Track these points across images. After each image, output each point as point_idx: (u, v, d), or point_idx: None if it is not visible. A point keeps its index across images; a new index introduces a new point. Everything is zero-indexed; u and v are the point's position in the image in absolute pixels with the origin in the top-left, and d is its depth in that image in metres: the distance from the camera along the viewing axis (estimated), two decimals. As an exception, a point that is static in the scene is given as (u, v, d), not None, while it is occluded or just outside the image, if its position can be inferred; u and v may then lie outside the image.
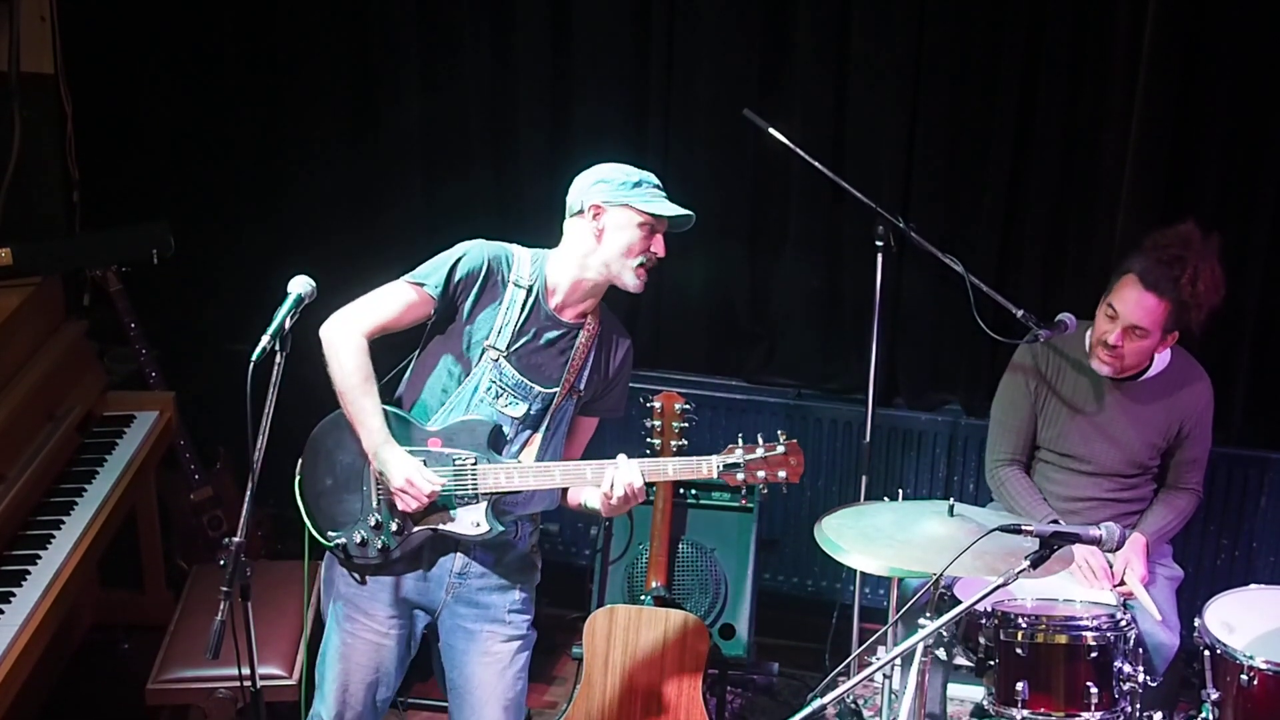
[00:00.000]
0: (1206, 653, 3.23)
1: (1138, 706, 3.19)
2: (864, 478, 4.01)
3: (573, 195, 2.95)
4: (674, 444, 3.80)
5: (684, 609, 3.76)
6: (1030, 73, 4.10)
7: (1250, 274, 4.04)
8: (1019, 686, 3.16)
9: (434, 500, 2.85)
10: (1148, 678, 3.17)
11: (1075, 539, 2.57)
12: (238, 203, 4.80)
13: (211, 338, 4.72)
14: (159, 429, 4.10)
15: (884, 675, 3.40)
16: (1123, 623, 3.20)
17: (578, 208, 2.93)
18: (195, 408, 4.44)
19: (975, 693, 3.57)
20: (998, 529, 2.65)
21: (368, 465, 2.90)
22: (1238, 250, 3.95)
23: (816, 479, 4.50)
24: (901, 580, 3.50)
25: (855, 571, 3.88)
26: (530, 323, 2.93)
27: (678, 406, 3.82)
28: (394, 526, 2.92)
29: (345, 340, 2.84)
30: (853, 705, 4.01)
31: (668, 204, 2.91)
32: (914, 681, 2.97)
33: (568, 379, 2.96)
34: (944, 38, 4.15)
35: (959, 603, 2.64)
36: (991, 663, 3.24)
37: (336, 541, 2.94)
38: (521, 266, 2.95)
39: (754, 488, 2.91)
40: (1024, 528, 2.61)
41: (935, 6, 4.14)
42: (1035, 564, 2.56)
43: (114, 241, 4.27)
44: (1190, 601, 3.65)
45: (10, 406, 3.60)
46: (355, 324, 2.86)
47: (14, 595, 3.21)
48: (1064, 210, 4.21)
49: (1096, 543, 2.56)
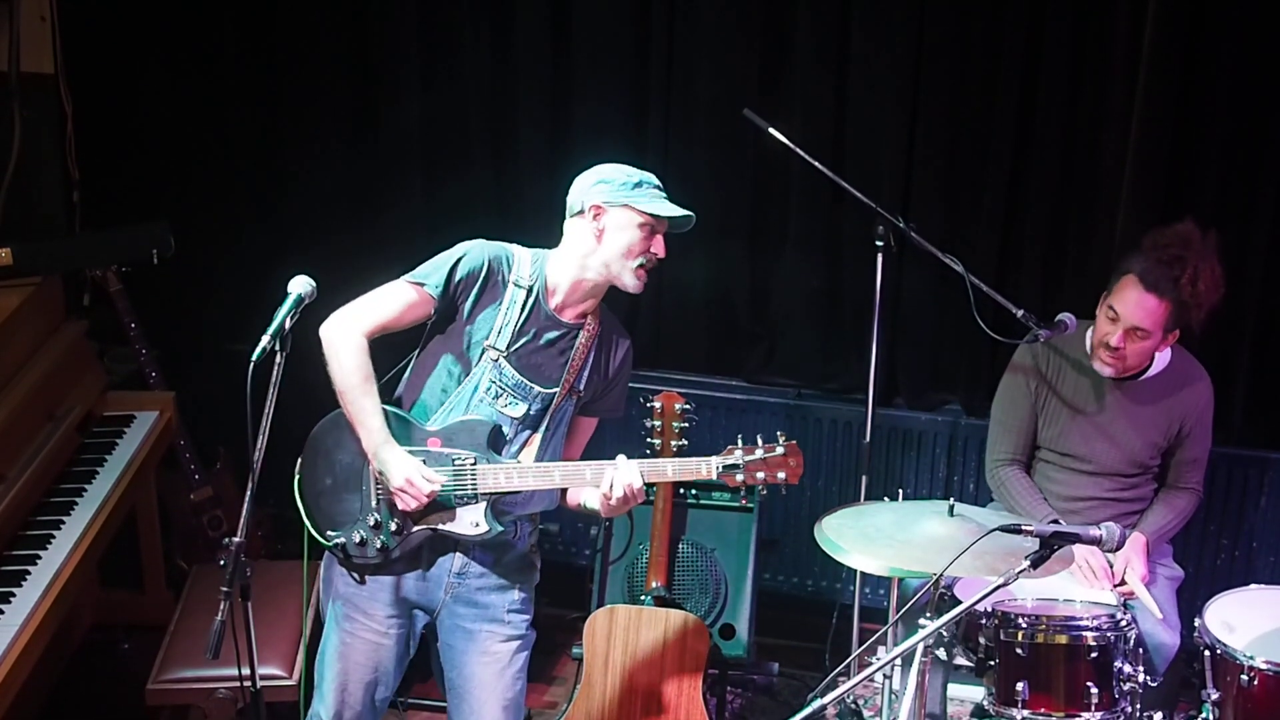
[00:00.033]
0: (1207, 653, 3.23)
1: (1138, 706, 3.19)
2: (864, 478, 4.01)
3: (573, 195, 2.95)
4: (674, 444, 3.80)
5: (684, 609, 3.75)
6: (1030, 73, 4.10)
7: (1250, 274, 4.04)
8: (1019, 686, 3.15)
9: (433, 500, 2.85)
10: (1148, 678, 3.17)
11: (1075, 539, 2.57)
12: (238, 203, 4.80)
13: (211, 338, 4.72)
14: (159, 429, 4.09)
15: (884, 675, 3.41)
16: (1123, 623, 3.19)
17: (578, 208, 2.93)
18: (195, 408, 4.43)
19: (975, 693, 3.57)
20: (998, 529, 2.65)
21: (367, 465, 2.90)
22: (1238, 250, 3.95)
23: (816, 479, 4.50)
24: (901, 580, 3.51)
25: (855, 571, 3.89)
26: (530, 323, 2.93)
27: (678, 406, 3.81)
28: (393, 526, 2.92)
29: (345, 340, 2.84)
30: (853, 705, 4.01)
31: (668, 204, 2.90)
32: (914, 681, 2.97)
33: (567, 379, 2.96)
34: (944, 38, 4.15)
35: (959, 603, 2.64)
36: (991, 663, 3.24)
37: (336, 541, 2.94)
38: (522, 267, 2.95)
39: (753, 488, 2.91)
40: (1024, 528, 2.61)
41: (935, 6, 4.14)
42: (1035, 564, 2.56)
43: (114, 241, 4.27)
44: (1190, 601, 3.65)
45: (10, 406, 3.60)
46: (355, 324, 2.85)
47: (14, 595, 3.21)
48: (1064, 210, 4.20)
49: (1097, 542, 2.56)
